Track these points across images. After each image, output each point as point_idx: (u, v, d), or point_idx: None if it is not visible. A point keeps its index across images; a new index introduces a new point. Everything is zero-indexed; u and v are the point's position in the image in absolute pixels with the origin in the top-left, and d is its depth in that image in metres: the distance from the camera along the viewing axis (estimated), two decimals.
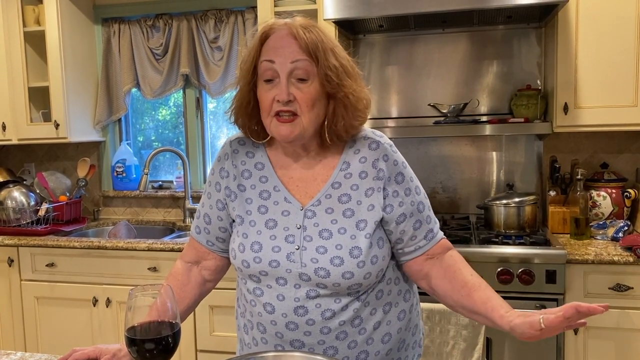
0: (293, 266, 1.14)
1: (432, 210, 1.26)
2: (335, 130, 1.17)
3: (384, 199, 1.18)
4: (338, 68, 1.13)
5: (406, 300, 1.26)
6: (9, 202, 2.91)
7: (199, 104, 3.20)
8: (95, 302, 2.62)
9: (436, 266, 1.22)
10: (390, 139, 1.26)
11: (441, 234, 1.25)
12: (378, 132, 1.25)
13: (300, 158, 1.23)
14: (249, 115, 1.21)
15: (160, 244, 2.51)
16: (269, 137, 1.23)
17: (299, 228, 1.17)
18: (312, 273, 1.13)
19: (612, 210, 2.45)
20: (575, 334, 2.09)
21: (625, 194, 2.43)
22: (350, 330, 1.16)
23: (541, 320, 0.98)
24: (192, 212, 3.06)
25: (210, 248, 1.31)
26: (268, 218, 1.19)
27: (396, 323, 1.22)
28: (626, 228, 2.29)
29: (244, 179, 1.24)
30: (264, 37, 1.15)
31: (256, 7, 2.61)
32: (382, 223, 1.19)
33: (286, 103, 1.11)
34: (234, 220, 1.25)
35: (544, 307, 2.05)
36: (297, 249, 1.15)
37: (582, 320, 0.99)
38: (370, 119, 2.80)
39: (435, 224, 1.25)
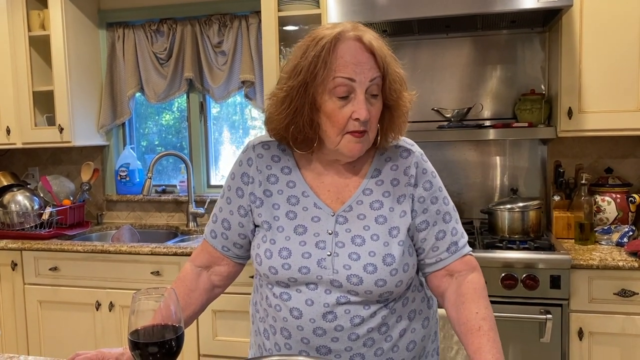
0: (324, 272, 1.12)
1: (460, 224, 1.22)
2: (385, 141, 1.16)
3: (411, 203, 1.17)
4: (398, 81, 1.11)
5: (429, 307, 1.25)
6: (13, 205, 2.92)
7: (203, 109, 3.20)
8: (98, 306, 2.62)
9: (451, 288, 1.18)
10: None
11: (467, 249, 1.20)
12: (409, 140, 1.23)
13: (332, 164, 1.20)
14: (297, 124, 1.12)
15: (164, 248, 2.51)
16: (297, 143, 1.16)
17: (330, 234, 1.14)
18: (345, 280, 1.11)
19: (617, 215, 2.44)
20: (581, 339, 2.08)
21: (630, 199, 2.43)
22: (377, 337, 1.14)
23: None
24: (195, 216, 3.06)
25: (225, 253, 1.28)
26: (297, 224, 1.16)
27: (420, 331, 1.21)
28: (631, 233, 2.28)
29: (270, 184, 1.20)
30: (332, 46, 1.07)
31: (260, 11, 2.61)
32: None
33: (364, 122, 1.08)
34: (256, 226, 1.22)
35: (548, 312, 2.04)
36: (329, 255, 1.12)
37: None
38: None
39: (462, 238, 1.20)
